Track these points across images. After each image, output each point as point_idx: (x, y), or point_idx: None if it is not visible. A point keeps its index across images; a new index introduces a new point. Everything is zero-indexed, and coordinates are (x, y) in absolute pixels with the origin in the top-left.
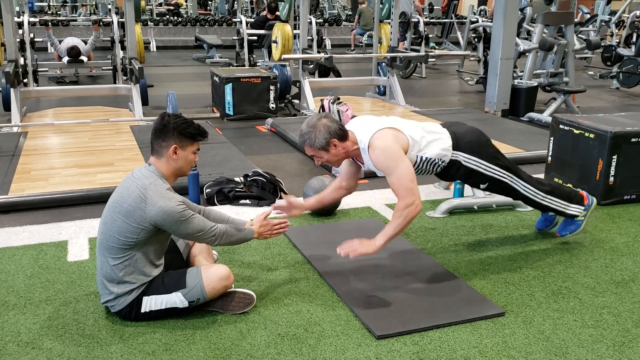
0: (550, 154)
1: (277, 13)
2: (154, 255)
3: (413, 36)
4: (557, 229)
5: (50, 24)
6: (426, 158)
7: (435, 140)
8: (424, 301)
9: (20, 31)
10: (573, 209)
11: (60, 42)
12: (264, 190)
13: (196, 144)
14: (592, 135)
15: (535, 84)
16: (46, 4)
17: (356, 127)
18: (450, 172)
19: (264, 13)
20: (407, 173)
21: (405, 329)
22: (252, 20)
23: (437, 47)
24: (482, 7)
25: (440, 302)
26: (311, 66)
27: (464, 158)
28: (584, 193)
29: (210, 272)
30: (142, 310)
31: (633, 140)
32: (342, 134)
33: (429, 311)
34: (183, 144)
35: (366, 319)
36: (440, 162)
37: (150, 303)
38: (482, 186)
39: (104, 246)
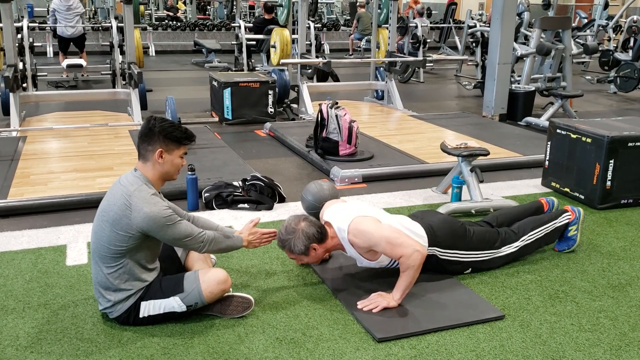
0: (547, 158)
1: (274, 14)
2: (147, 260)
3: (411, 41)
4: (555, 245)
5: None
6: None
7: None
8: (424, 304)
9: (19, 36)
10: (561, 220)
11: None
12: (262, 194)
13: (183, 147)
14: (589, 140)
15: (533, 88)
16: (45, 8)
17: (332, 216)
18: (428, 264)
19: (262, 15)
20: (389, 234)
21: (406, 332)
22: (251, 24)
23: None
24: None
25: (440, 305)
26: (309, 71)
27: (439, 253)
28: (568, 207)
29: (207, 276)
30: (141, 315)
31: (630, 144)
32: (321, 237)
33: (429, 314)
34: (169, 148)
35: (366, 322)
36: None
37: (149, 308)
38: (465, 272)
39: (97, 255)
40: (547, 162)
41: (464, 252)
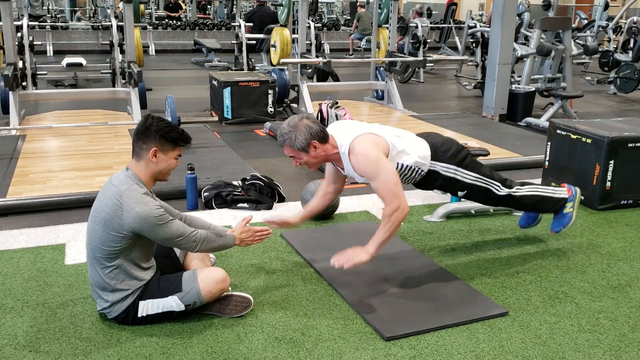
0: (547, 159)
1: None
2: (141, 259)
3: (411, 41)
4: (551, 227)
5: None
6: (406, 166)
7: (414, 149)
8: (428, 302)
9: (19, 34)
10: (559, 192)
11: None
12: (261, 194)
13: (178, 149)
14: (589, 141)
15: (533, 89)
16: (45, 7)
17: (336, 131)
18: (428, 181)
19: (254, 5)
20: (390, 177)
21: (413, 330)
22: (250, 23)
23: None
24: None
25: (445, 304)
26: (309, 70)
27: (441, 167)
28: (565, 184)
29: (206, 275)
30: (139, 315)
31: (630, 145)
32: (323, 136)
33: (433, 312)
34: (164, 148)
35: (373, 321)
36: (418, 171)
37: (147, 307)
38: (460, 194)
39: (92, 257)
40: (547, 163)
41: (465, 170)
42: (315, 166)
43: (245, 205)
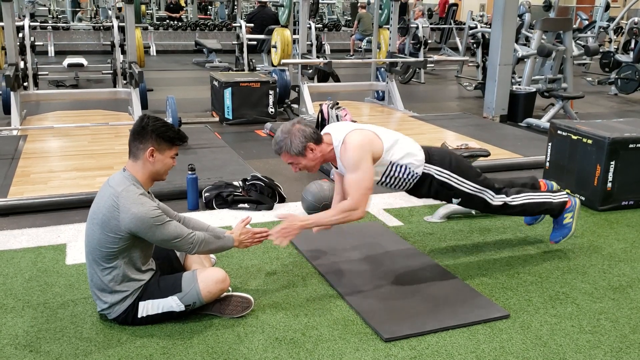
0: (548, 159)
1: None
2: (140, 261)
3: (412, 42)
4: (550, 237)
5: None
6: (398, 165)
7: (408, 151)
8: (429, 304)
9: (21, 35)
10: (558, 197)
11: None
12: (262, 194)
13: (175, 148)
14: (590, 141)
15: (534, 89)
16: (46, 7)
17: (333, 129)
18: (422, 186)
19: (255, 6)
20: (367, 179)
21: (413, 332)
22: (251, 23)
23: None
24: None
25: (446, 305)
26: (310, 71)
27: (435, 171)
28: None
29: (205, 276)
30: (139, 316)
31: (631, 146)
32: (318, 137)
33: (435, 314)
34: (161, 148)
35: (373, 322)
36: (411, 172)
37: (147, 308)
38: (454, 201)
39: (90, 259)
40: (547, 164)
41: (458, 177)
42: (315, 168)
43: (246, 205)
